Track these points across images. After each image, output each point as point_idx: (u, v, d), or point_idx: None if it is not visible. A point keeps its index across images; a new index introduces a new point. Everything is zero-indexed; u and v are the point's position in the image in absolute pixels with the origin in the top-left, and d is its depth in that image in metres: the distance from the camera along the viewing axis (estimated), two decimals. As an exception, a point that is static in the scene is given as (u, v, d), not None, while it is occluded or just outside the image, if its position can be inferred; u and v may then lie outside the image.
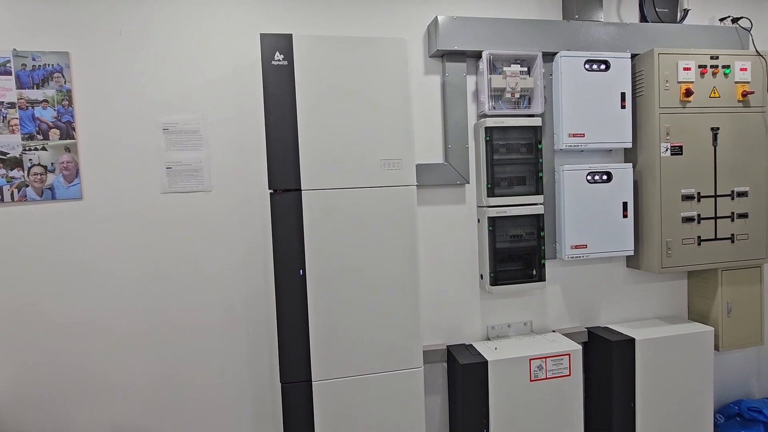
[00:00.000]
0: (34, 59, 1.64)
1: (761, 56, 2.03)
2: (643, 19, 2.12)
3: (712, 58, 1.99)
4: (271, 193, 1.58)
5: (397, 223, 1.65)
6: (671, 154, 1.96)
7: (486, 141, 1.90)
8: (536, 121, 1.93)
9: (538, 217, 1.94)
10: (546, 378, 1.84)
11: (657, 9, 2.10)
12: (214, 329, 1.83)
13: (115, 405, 1.77)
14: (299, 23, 1.84)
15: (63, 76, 1.66)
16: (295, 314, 1.59)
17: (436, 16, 1.85)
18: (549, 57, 1.97)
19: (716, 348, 2.09)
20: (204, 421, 1.84)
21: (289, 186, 1.58)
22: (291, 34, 1.55)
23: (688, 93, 1.95)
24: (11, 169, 1.64)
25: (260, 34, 1.54)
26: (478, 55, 1.92)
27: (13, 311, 1.68)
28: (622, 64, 1.97)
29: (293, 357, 1.60)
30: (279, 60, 1.55)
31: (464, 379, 1.80)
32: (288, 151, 1.57)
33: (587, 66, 1.94)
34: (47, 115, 1.66)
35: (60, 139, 1.67)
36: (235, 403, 1.86)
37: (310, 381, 1.60)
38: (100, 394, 1.76)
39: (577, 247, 1.97)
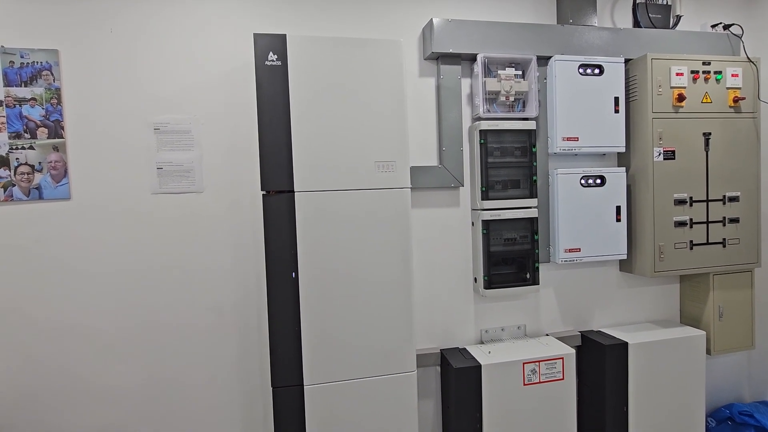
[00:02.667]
0: (22, 57, 1.61)
1: (752, 62, 2.05)
2: (637, 24, 2.13)
3: (704, 63, 2.00)
4: (263, 194, 1.56)
5: (391, 225, 1.63)
6: (664, 159, 1.98)
7: (480, 144, 1.89)
8: (530, 125, 1.93)
9: (532, 221, 1.94)
10: (539, 382, 1.84)
11: (650, 15, 2.12)
12: (204, 332, 1.80)
13: (103, 409, 1.73)
14: (293, 24, 1.83)
15: (52, 74, 1.63)
16: (287, 317, 1.57)
17: (431, 19, 1.84)
18: (543, 61, 1.97)
19: (708, 352, 2.10)
20: (193, 425, 1.81)
21: (282, 187, 1.56)
22: (285, 35, 1.54)
23: (681, 98, 1.96)
24: (-3, 168, 1.61)
25: (254, 34, 1.53)
26: (473, 58, 1.91)
27: (-3, 313, 1.64)
28: (615, 69, 1.98)
29: (285, 361, 1.58)
30: (273, 60, 1.53)
31: (458, 382, 1.78)
32: (281, 152, 1.55)
33: (581, 70, 1.95)
34: (35, 113, 1.63)
35: (48, 138, 1.64)
36: (225, 408, 1.83)
37: (301, 385, 1.58)
38: (87, 399, 1.72)
39: (570, 250, 1.97)
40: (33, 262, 1.65)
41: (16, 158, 1.62)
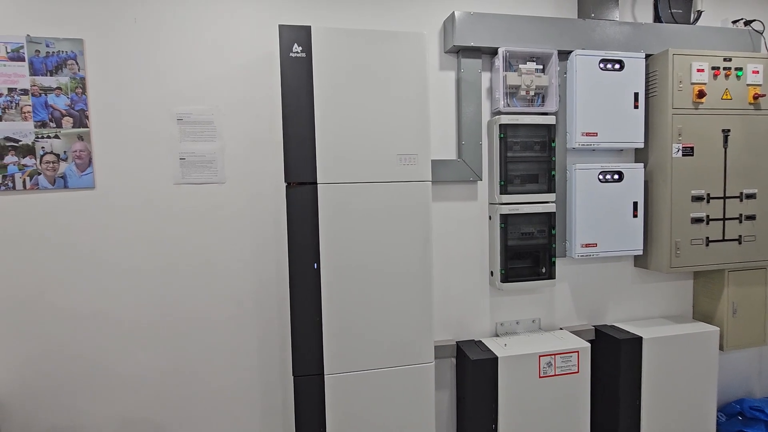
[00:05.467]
0: (47, 46, 1.62)
1: (773, 59, 2.04)
2: (657, 19, 2.12)
3: (725, 60, 1.99)
4: (287, 185, 1.57)
5: (411, 218, 1.65)
6: (682, 155, 1.98)
7: (500, 138, 1.90)
8: (550, 119, 1.93)
9: (550, 215, 1.95)
10: (555, 375, 1.86)
11: (671, 10, 2.10)
12: (224, 322, 1.82)
13: (124, 397, 1.76)
14: (315, 16, 1.82)
15: (77, 64, 1.64)
16: (309, 307, 1.59)
17: (453, 12, 1.84)
18: (564, 55, 1.97)
19: (721, 348, 2.11)
20: (213, 414, 1.84)
21: (305, 179, 1.57)
22: (310, 26, 1.54)
23: (701, 94, 1.96)
24: (23, 157, 1.63)
25: (279, 25, 1.53)
26: (493, 52, 1.91)
27: (23, 301, 1.67)
28: (636, 64, 1.97)
29: (306, 350, 1.60)
30: (297, 52, 1.54)
31: (474, 374, 1.81)
32: (305, 144, 1.56)
33: (602, 65, 1.94)
34: (60, 102, 1.64)
35: (73, 127, 1.65)
36: (245, 397, 1.86)
37: (322, 374, 1.61)
38: (109, 386, 1.75)
39: (587, 245, 1.98)
40: (57, 250, 1.68)
41: (42, 147, 1.64)
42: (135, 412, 1.78)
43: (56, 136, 1.64)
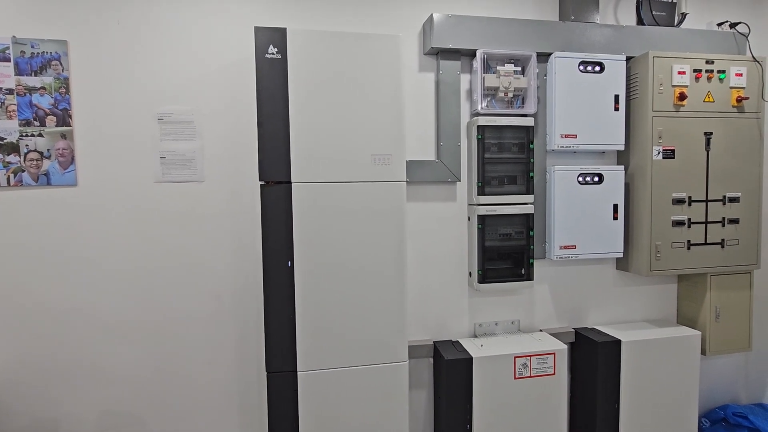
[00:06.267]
0: (32, 47, 1.67)
1: (757, 62, 2.03)
2: (640, 22, 2.12)
3: (707, 62, 1.99)
4: (261, 184, 1.60)
5: (385, 218, 1.66)
6: (663, 158, 1.97)
7: (478, 139, 1.91)
8: (529, 121, 1.93)
9: (528, 217, 1.95)
10: (530, 376, 1.86)
11: (654, 12, 2.10)
12: (204, 319, 1.85)
13: (104, 392, 1.79)
14: (295, 18, 1.85)
15: (61, 64, 1.69)
16: (283, 305, 1.61)
17: (432, 14, 1.86)
18: (543, 57, 1.97)
19: (703, 352, 2.09)
20: (191, 409, 1.86)
21: (280, 178, 1.59)
22: (285, 28, 1.57)
23: (682, 97, 1.95)
24: (8, 155, 1.67)
25: (255, 27, 1.56)
26: (472, 54, 1.93)
27: (5, 296, 1.71)
28: (616, 67, 1.97)
29: (279, 347, 1.62)
30: (273, 53, 1.56)
31: (449, 374, 1.81)
32: (279, 144, 1.59)
33: (581, 67, 1.95)
34: (44, 102, 1.69)
35: (56, 126, 1.70)
36: (222, 393, 1.88)
37: (295, 371, 1.63)
38: (89, 381, 1.78)
39: (566, 247, 1.98)
40: (40, 246, 1.72)
41: (26, 145, 1.68)
42: (114, 406, 1.81)
43: (40, 135, 1.69)
